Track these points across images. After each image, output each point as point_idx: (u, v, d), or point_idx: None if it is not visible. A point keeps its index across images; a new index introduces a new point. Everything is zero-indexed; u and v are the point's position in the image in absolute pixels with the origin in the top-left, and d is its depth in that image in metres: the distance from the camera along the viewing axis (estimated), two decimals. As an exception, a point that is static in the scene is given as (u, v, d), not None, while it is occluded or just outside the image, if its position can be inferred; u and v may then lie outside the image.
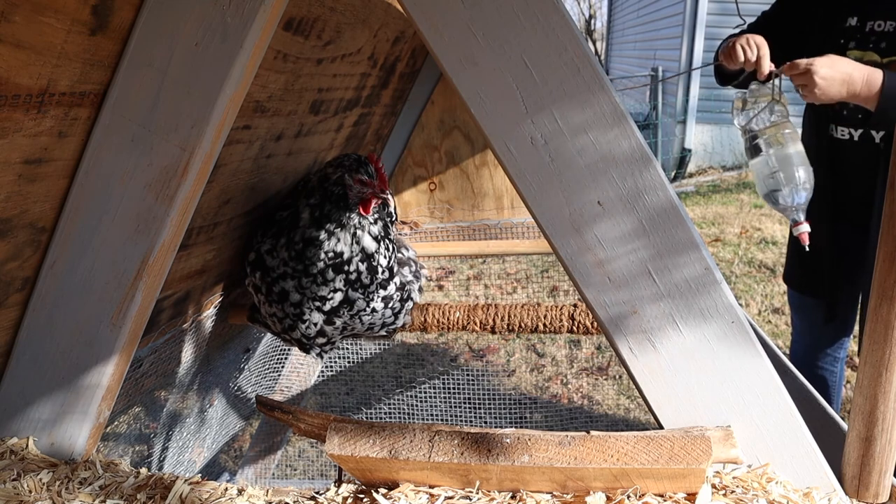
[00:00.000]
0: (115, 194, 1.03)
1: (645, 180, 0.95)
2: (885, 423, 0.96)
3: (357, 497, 1.00)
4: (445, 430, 0.98)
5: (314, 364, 2.79)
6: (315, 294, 1.45)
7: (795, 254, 2.34)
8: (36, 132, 0.90)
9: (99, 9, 0.88)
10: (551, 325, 1.84)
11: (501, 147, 0.97)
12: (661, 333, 0.99)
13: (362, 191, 1.40)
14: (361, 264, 1.45)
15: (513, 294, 4.05)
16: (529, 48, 0.93)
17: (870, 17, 1.85)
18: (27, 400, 1.11)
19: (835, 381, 2.36)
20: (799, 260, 2.31)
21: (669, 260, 0.97)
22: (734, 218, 6.33)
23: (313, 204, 1.42)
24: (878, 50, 1.84)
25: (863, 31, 1.87)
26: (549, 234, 0.99)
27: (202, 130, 1.00)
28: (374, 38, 1.75)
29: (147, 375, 1.52)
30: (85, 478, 1.06)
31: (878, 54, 1.84)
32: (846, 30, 1.89)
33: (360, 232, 1.43)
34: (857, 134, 1.96)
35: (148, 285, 1.08)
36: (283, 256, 1.45)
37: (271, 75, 1.28)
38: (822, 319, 2.28)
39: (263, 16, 0.97)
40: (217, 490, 1.04)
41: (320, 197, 1.42)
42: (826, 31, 1.94)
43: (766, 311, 4.36)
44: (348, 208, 1.41)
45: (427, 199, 2.64)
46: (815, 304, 2.28)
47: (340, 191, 1.40)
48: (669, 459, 0.90)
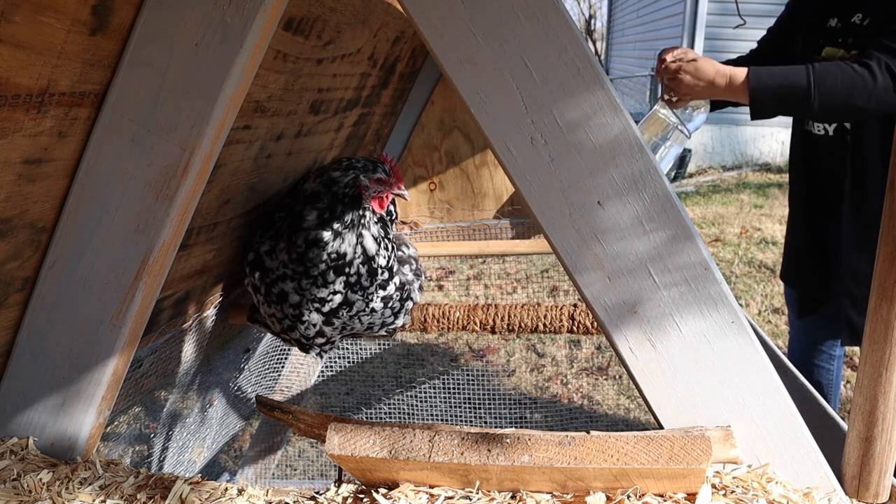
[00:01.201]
0: (115, 194, 1.03)
1: (645, 180, 0.95)
2: (885, 423, 0.96)
3: (357, 497, 1.00)
4: (445, 430, 0.98)
5: (314, 364, 2.79)
6: (314, 296, 1.45)
7: (786, 248, 2.39)
8: (36, 132, 0.90)
9: (99, 9, 0.88)
10: (551, 325, 1.84)
11: (501, 147, 0.97)
12: (661, 333, 0.99)
13: (378, 189, 1.41)
14: (362, 266, 1.45)
15: (513, 294, 4.04)
16: (529, 48, 0.93)
17: (849, 15, 1.89)
18: (27, 400, 1.11)
19: (831, 380, 2.37)
20: (788, 255, 2.36)
21: (669, 260, 0.97)
22: (734, 218, 6.33)
23: (321, 207, 1.41)
24: (845, 45, 1.88)
25: (840, 30, 1.90)
26: (549, 233, 0.99)
27: (202, 130, 1.00)
28: (374, 38, 1.75)
29: (147, 375, 1.52)
30: (85, 478, 1.06)
31: (845, 49, 1.87)
32: (826, 30, 1.93)
33: (364, 232, 1.43)
34: (832, 129, 2.01)
35: (148, 285, 1.08)
36: (282, 259, 1.45)
37: (271, 75, 1.28)
38: (798, 313, 2.32)
39: (263, 16, 0.96)
40: (217, 490, 1.04)
41: (329, 201, 1.40)
42: (809, 35, 1.98)
43: (766, 311, 4.37)
44: (362, 207, 1.41)
45: (427, 199, 2.64)
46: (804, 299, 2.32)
47: (354, 192, 1.40)
48: (669, 459, 0.90)
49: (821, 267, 2.19)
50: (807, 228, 2.21)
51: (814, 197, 2.15)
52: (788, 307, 2.48)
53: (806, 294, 2.30)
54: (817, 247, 2.18)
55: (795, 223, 2.28)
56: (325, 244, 1.40)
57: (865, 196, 1.93)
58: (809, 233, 2.20)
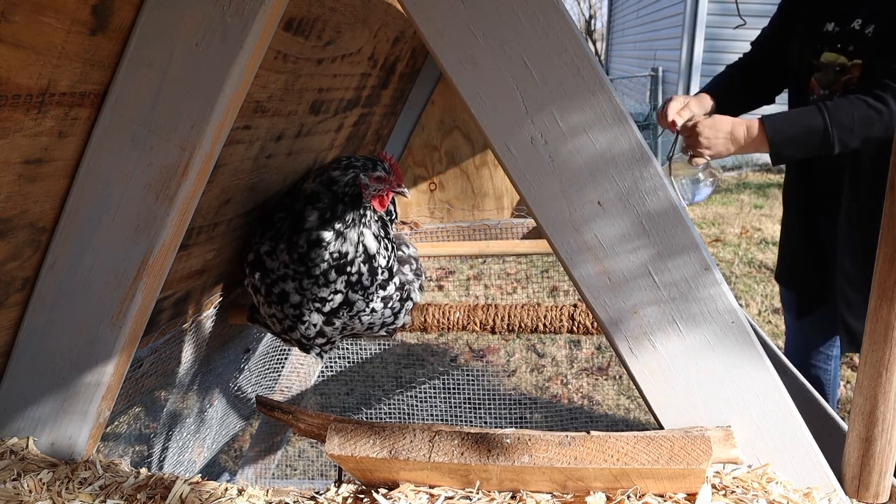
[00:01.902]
0: (116, 194, 1.03)
1: (645, 180, 0.95)
2: (885, 423, 0.96)
3: (357, 497, 1.00)
4: (445, 430, 0.98)
5: (314, 364, 2.79)
6: (315, 295, 1.45)
7: (782, 250, 2.39)
8: (36, 132, 0.90)
9: (99, 9, 0.88)
10: (551, 326, 1.84)
11: (501, 147, 0.97)
12: (661, 333, 0.99)
13: (378, 187, 1.41)
14: (363, 266, 1.45)
15: (513, 294, 4.04)
16: (529, 48, 0.93)
17: (848, 19, 1.86)
18: (27, 400, 1.11)
19: (829, 379, 2.37)
20: (784, 256, 2.36)
21: (669, 260, 0.97)
22: (734, 218, 6.33)
23: (322, 207, 1.41)
24: (845, 52, 1.86)
25: (839, 35, 1.88)
26: (549, 233, 0.99)
27: (202, 130, 1.00)
28: (374, 38, 1.75)
29: (147, 375, 1.52)
30: (85, 478, 1.06)
31: (846, 56, 1.85)
32: (823, 35, 1.91)
33: (365, 231, 1.43)
34: None
35: (148, 285, 1.08)
36: (283, 259, 1.44)
37: (271, 75, 1.28)
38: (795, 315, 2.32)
39: (263, 16, 0.96)
40: (217, 490, 1.04)
41: (330, 200, 1.41)
42: (807, 39, 1.96)
43: (766, 311, 4.36)
44: (363, 206, 1.41)
45: (427, 199, 2.64)
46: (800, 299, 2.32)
47: (354, 191, 1.40)
48: (669, 460, 0.90)
49: (818, 269, 2.19)
50: (802, 228, 2.20)
51: (810, 196, 2.15)
52: (784, 308, 2.48)
53: (802, 295, 2.30)
54: (813, 248, 2.18)
55: (790, 224, 2.28)
56: (326, 244, 1.40)
57: (858, 197, 1.93)
58: (805, 233, 2.19)
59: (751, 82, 2.17)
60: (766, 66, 2.14)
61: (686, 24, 8.41)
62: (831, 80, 1.89)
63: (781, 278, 2.39)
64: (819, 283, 2.19)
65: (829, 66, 1.89)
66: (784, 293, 2.43)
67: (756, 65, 2.17)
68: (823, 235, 2.12)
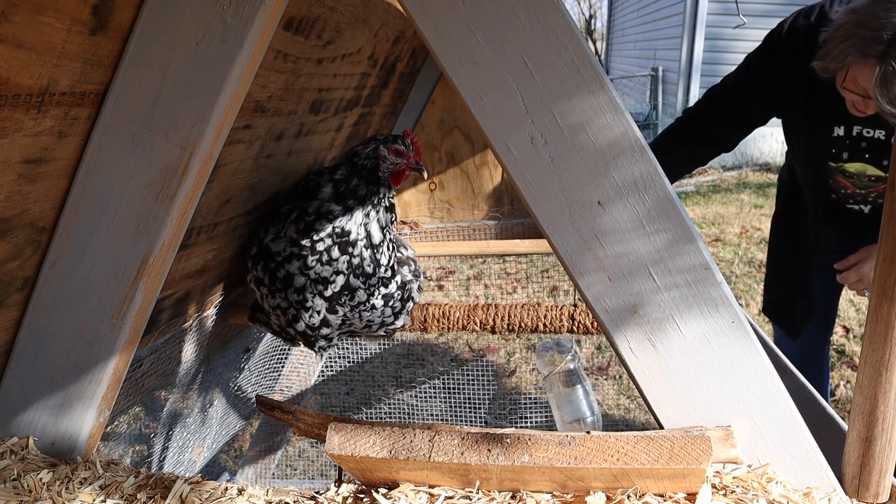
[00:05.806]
0: (116, 194, 1.03)
1: (645, 180, 0.95)
2: (885, 423, 0.96)
3: (357, 497, 1.00)
4: (445, 430, 0.98)
5: (314, 364, 2.79)
6: (318, 275, 1.46)
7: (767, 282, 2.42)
8: (36, 132, 0.90)
9: (99, 9, 0.88)
10: (551, 325, 1.84)
11: (501, 147, 0.97)
12: (661, 333, 0.99)
13: (396, 161, 1.42)
14: (366, 250, 1.47)
15: (513, 294, 4.05)
16: (529, 48, 0.93)
17: (854, 124, 1.81)
18: (27, 399, 1.11)
19: (823, 379, 2.40)
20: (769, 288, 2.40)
21: (669, 260, 0.97)
22: (734, 218, 6.33)
23: (339, 179, 1.44)
24: (877, 164, 1.84)
25: (851, 140, 1.84)
26: (549, 233, 0.99)
27: (202, 130, 1.00)
28: (374, 37, 1.75)
29: (147, 375, 1.52)
30: (85, 477, 1.06)
31: (878, 168, 1.84)
32: (835, 140, 1.86)
33: (373, 213, 1.46)
34: (867, 208, 1.99)
35: (148, 285, 1.08)
36: (290, 235, 1.45)
37: (271, 75, 1.28)
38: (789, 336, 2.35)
39: (263, 16, 0.96)
40: (217, 490, 1.04)
41: (348, 171, 1.44)
42: (813, 139, 1.91)
43: (766, 311, 4.36)
44: (378, 182, 1.43)
45: (427, 199, 2.64)
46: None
47: (372, 164, 1.42)
48: (669, 459, 0.90)
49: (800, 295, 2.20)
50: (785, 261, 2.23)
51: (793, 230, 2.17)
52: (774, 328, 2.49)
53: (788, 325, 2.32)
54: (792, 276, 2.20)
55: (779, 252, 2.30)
56: (333, 217, 1.43)
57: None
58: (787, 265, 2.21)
59: (699, 138, 2.09)
60: (722, 123, 2.06)
61: (686, 24, 8.42)
62: (867, 184, 1.91)
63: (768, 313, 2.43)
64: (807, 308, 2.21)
65: (860, 175, 1.89)
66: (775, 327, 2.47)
67: (711, 120, 2.08)
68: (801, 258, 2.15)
